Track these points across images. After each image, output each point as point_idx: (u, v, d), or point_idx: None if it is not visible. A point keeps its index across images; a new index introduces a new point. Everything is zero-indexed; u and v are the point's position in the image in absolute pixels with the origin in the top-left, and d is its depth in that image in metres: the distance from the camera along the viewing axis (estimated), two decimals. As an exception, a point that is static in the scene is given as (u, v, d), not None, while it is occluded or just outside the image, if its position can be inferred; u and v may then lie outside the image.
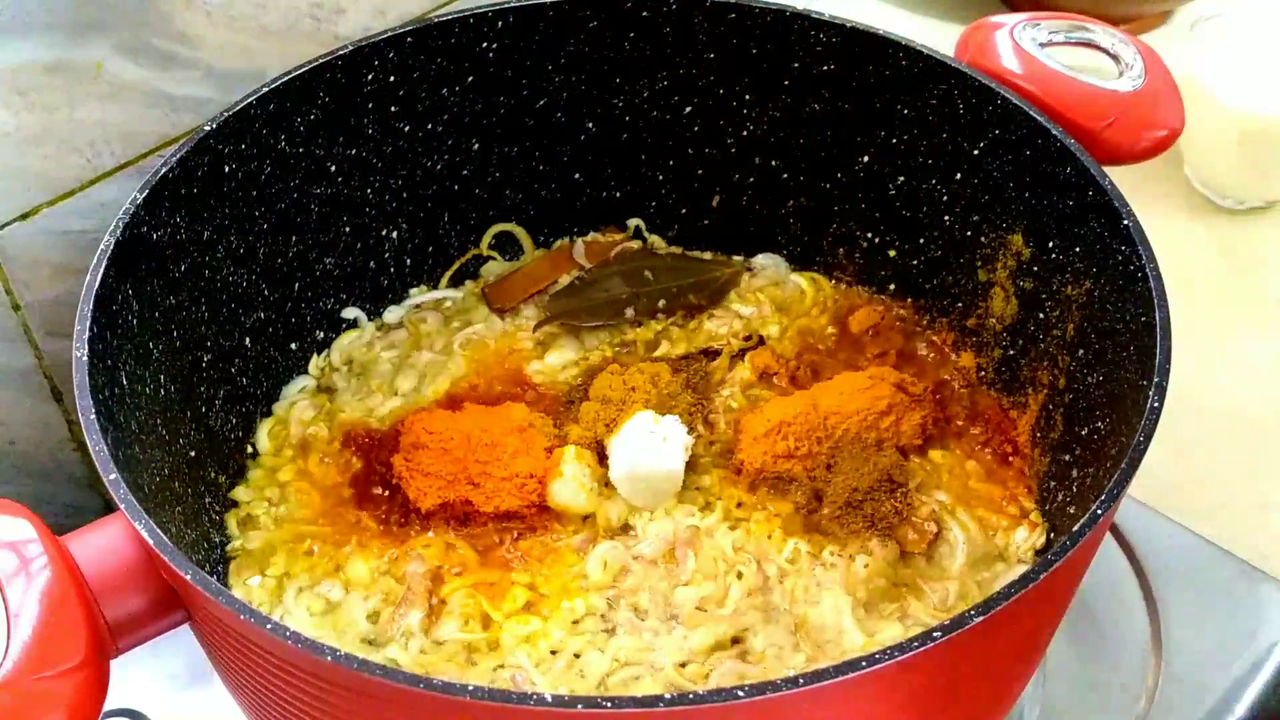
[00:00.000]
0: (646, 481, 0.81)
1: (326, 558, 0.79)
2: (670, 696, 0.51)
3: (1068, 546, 0.57)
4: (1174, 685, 0.82)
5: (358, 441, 0.86)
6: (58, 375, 0.86)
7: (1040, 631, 0.70)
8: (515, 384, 0.90)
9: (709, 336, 0.93)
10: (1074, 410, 0.78)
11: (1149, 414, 0.63)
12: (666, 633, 0.75)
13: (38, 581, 0.60)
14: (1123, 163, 0.80)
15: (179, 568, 0.57)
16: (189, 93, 0.83)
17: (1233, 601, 0.86)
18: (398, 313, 0.95)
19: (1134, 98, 0.81)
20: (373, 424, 0.87)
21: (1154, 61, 0.83)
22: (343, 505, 0.82)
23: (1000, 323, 0.87)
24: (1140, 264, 0.70)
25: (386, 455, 0.84)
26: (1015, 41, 0.83)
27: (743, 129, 0.94)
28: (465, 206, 0.96)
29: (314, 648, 0.53)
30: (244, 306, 0.85)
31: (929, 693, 0.60)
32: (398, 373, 0.90)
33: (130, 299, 0.72)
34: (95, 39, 0.77)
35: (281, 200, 0.85)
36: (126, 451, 0.67)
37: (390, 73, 0.86)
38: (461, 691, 0.51)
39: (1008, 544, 0.79)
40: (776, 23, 0.88)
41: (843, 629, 0.74)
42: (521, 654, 0.74)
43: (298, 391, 0.90)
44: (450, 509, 0.80)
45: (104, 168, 0.82)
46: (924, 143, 0.87)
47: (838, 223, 0.94)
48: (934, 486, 0.82)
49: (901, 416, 0.84)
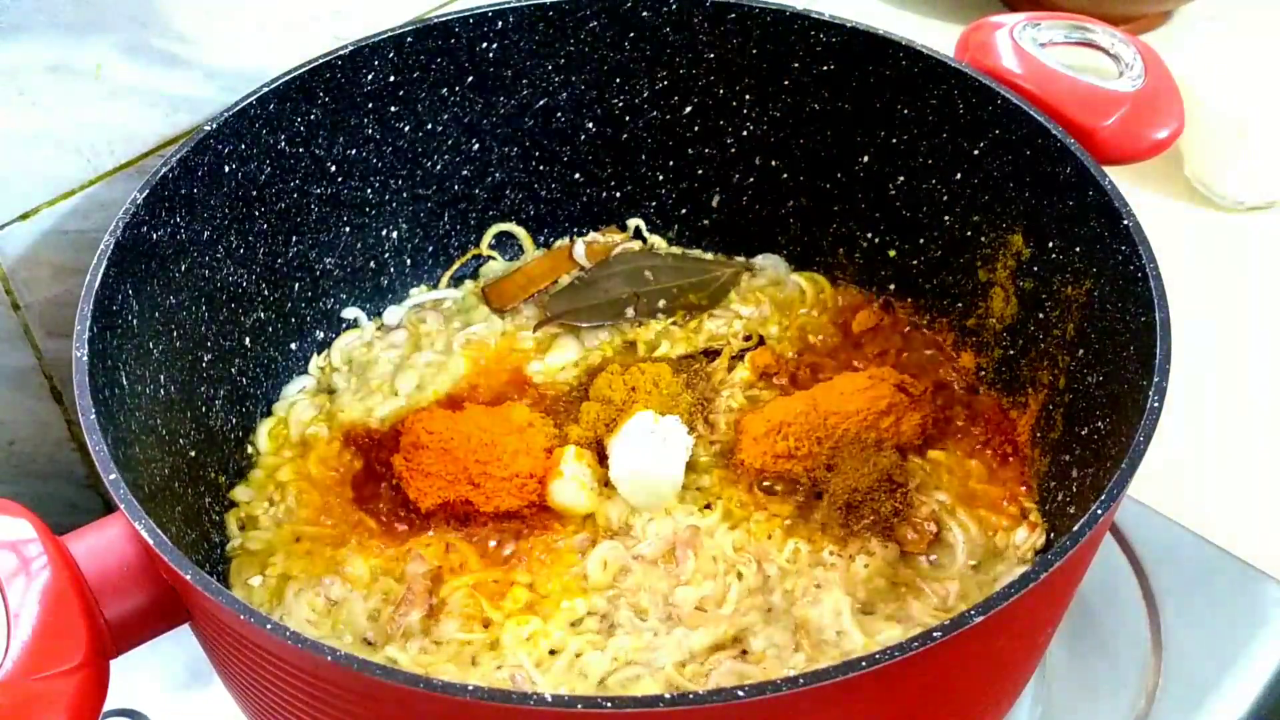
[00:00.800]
0: (646, 482, 0.81)
1: (326, 558, 0.79)
2: (670, 696, 0.51)
3: (1068, 546, 0.57)
4: (1174, 685, 0.82)
5: (358, 442, 0.86)
6: (58, 375, 0.86)
7: (1040, 631, 0.70)
8: (515, 384, 0.90)
9: (709, 336, 0.93)
10: (1074, 410, 0.78)
11: (1149, 414, 0.63)
12: (666, 633, 0.75)
13: (38, 581, 0.60)
14: (1123, 163, 0.80)
15: (179, 568, 0.57)
16: (189, 93, 0.83)
17: (1233, 601, 0.86)
18: (398, 313, 0.95)
19: (1134, 98, 0.81)
20: (373, 424, 0.87)
21: (1154, 61, 0.83)
22: (343, 505, 0.82)
23: (1000, 323, 0.87)
24: (1140, 264, 0.70)
25: (386, 455, 0.84)
26: (1015, 41, 0.84)
27: (743, 129, 0.94)
28: (465, 206, 0.96)
29: (314, 648, 0.53)
30: (244, 306, 0.85)
31: (929, 693, 0.60)
32: (398, 373, 0.90)
33: (130, 299, 0.72)
34: (95, 39, 0.77)
35: (281, 200, 0.85)
36: (126, 451, 0.67)
37: (390, 73, 0.86)
38: (461, 691, 0.51)
39: (1008, 544, 0.79)
40: (776, 23, 0.88)
41: (843, 629, 0.74)
42: (522, 654, 0.74)
43: (298, 391, 0.90)
44: (450, 509, 0.80)
45: (104, 168, 0.82)
46: (924, 143, 0.87)
47: (838, 223, 0.94)
48: (934, 486, 0.82)
49: (901, 416, 0.84)
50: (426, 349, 0.92)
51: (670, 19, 0.90)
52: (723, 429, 0.86)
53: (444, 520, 0.81)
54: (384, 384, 0.90)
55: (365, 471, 0.84)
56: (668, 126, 0.95)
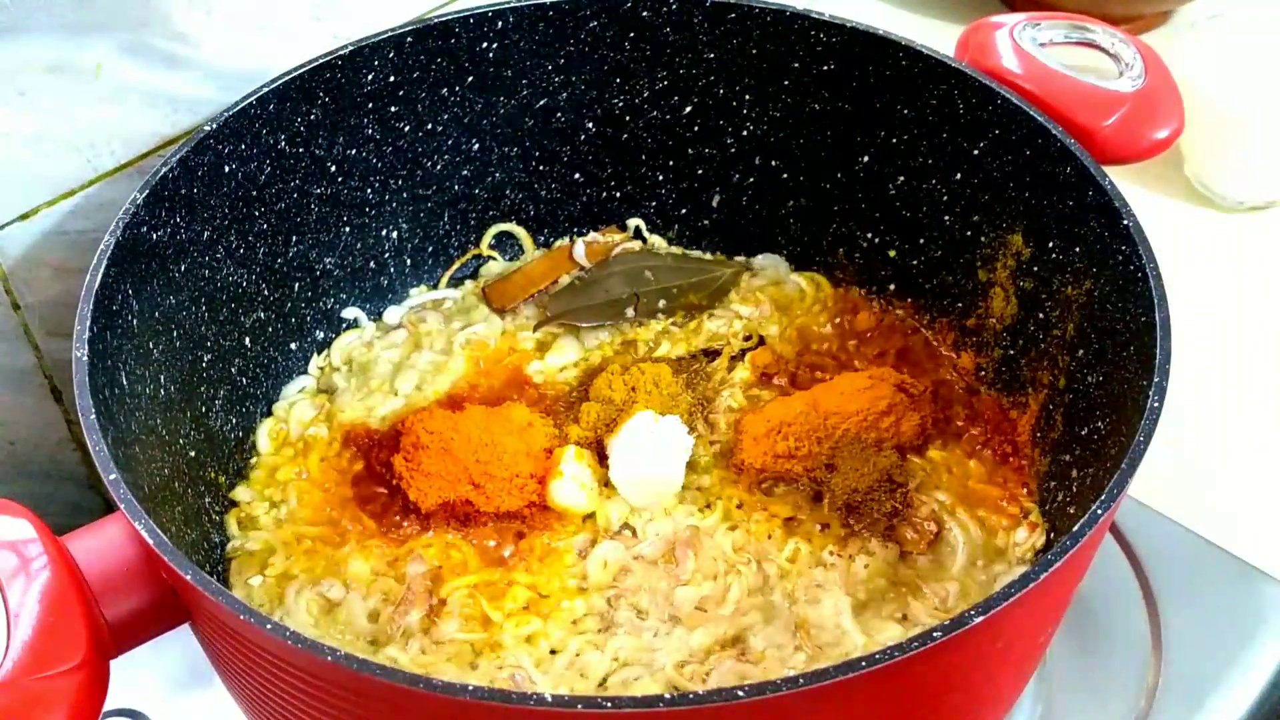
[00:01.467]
0: (647, 481, 0.81)
1: (327, 558, 0.79)
2: (670, 696, 0.52)
3: (1068, 546, 0.57)
4: (1174, 685, 0.82)
5: (358, 442, 0.86)
6: (58, 375, 0.86)
7: (1040, 631, 0.70)
8: (515, 384, 0.90)
9: (709, 336, 0.93)
10: (1074, 410, 0.78)
11: (1149, 414, 0.63)
12: (666, 633, 0.75)
13: (38, 581, 0.60)
14: (1123, 163, 0.80)
15: (179, 568, 0.57)
16: (189, 93, 0.83)
17: (1233, 601, 0.86)
18: (397, 313, 0.95)
19: (1134, 98, 0.81)
20: (373, 424, 0.87)
21: (1154, 61, 0.83)
22: (343, 505, 0.82)
23: (1000, 323, 0.87)
24: (1140, 264, 0.70)
25: (386, 455, 0.84)
26: (1015, 41, 0.83)
27: (743, 129, 0.94)
28: (465, 206, 0.96)
29: (314, 648, 0.53)
30: (244, 306, 0.85)
31: (929, 693, 0.60)
32: (398, 373, 0.90)
33: (130, 299, 0.72)
34: (95, 39, 0.77)
35: (281, 200, 0.85)
36: (126, 451, 0.67)
37: (390, 73, 0.86)
38: (461, 691, 0.51)
39: (1008, 544, 0.79)
40: (776, 23, 0.88)
41: (843, 629, 0.74)
42: (522, 654, 0.74)
43: (298, 392, 0.90)
44: (451, 509, 0.80)
45: (104, 168, 0.82)
46: (924, 143, 0.87)
47: (838, 223, 0.94)
48: (934, 486, 0.82)
49: (901, 416, 0.84)
50: (426, 349, 0.92)
51: (670, 19, 0.90)
52: (723, 429, 0.86)
53: (444, 520, 0.81)
54: (384, 384, 0.90)
55: (365, 471, 0.84)
56: (668, 126, 0.95)
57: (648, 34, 0.90)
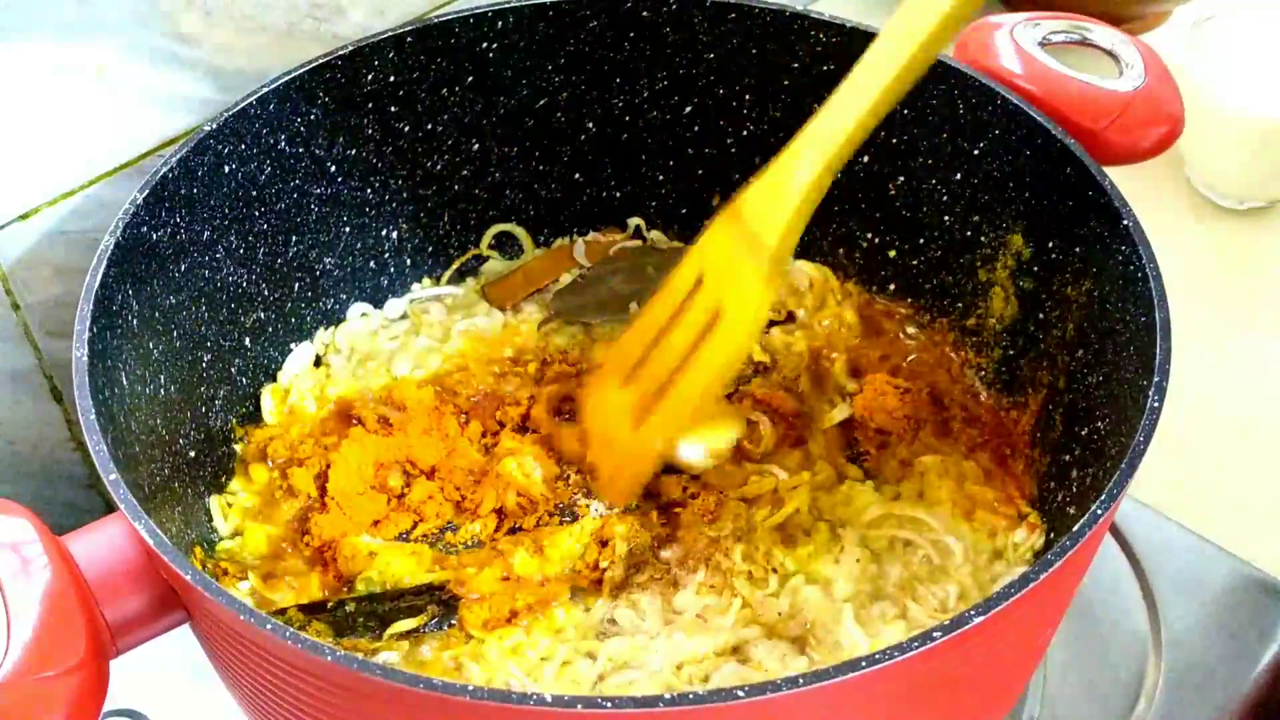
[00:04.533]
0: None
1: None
2: (670, 696, 0.51)
3: (1068, 546, 0.57)
4: (1174, 685, 0.82)
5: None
6: (58, 375, 0.86)
7: (1040, 631, 0.70)
8: (507, 365, 0.89)
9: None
10: (1074, 410, 0.78)
11: (1149, 414, 0.63)
12: (666, 638, 0.74)
13: (38, 581, 0.60)
14: (1123, 163, 0.79)
15: (179, 568, 0.57)
16: (189, 93, 0.83)
17: (1233, 601, 0.86)
18: (399, 305, 0.95)
19: (1134, 98, 0.80)
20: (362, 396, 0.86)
21: (1154, 61, 0.83)
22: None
23: (1000, 323, 0.87)
24: (1140, 264, 0.70)
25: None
26: (1015, 41, 0.83)
27: (743, 129, 0.94)
28: (465, 206, 0.96)
29: (314, 648, 0.53)
30: (244, 306, 0.85)
31: (929, 693, 0.60)
32: (394, 357, 0.90)
33: (130, 299, 0.72)
34: (95, 39, 0.77)
35: (281, 200, 0.85)
36: (126, 451, 0.67)
37: (390, 73, 0.86)
38: (461, 691, 0.51)
39: (1008, 544, 0.79)
40: (776, 23, 0.88)
41: (843, 630, 0.74)
42: (511, 664, 0.73)
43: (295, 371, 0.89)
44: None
45: (104, 168, 0.82)
46: (924, 143, 0.87)
47: (837, 223, 0.94)
48: (933, 487, 0.82)
49: (900, 418, 0.84)
50: (424, 335, 0.92)
51: (670, 19, 0.90)
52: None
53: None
54: (381, 366, 0.89)
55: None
56: (668, 126, 0.95)
57: (648, 34, 0.90)
